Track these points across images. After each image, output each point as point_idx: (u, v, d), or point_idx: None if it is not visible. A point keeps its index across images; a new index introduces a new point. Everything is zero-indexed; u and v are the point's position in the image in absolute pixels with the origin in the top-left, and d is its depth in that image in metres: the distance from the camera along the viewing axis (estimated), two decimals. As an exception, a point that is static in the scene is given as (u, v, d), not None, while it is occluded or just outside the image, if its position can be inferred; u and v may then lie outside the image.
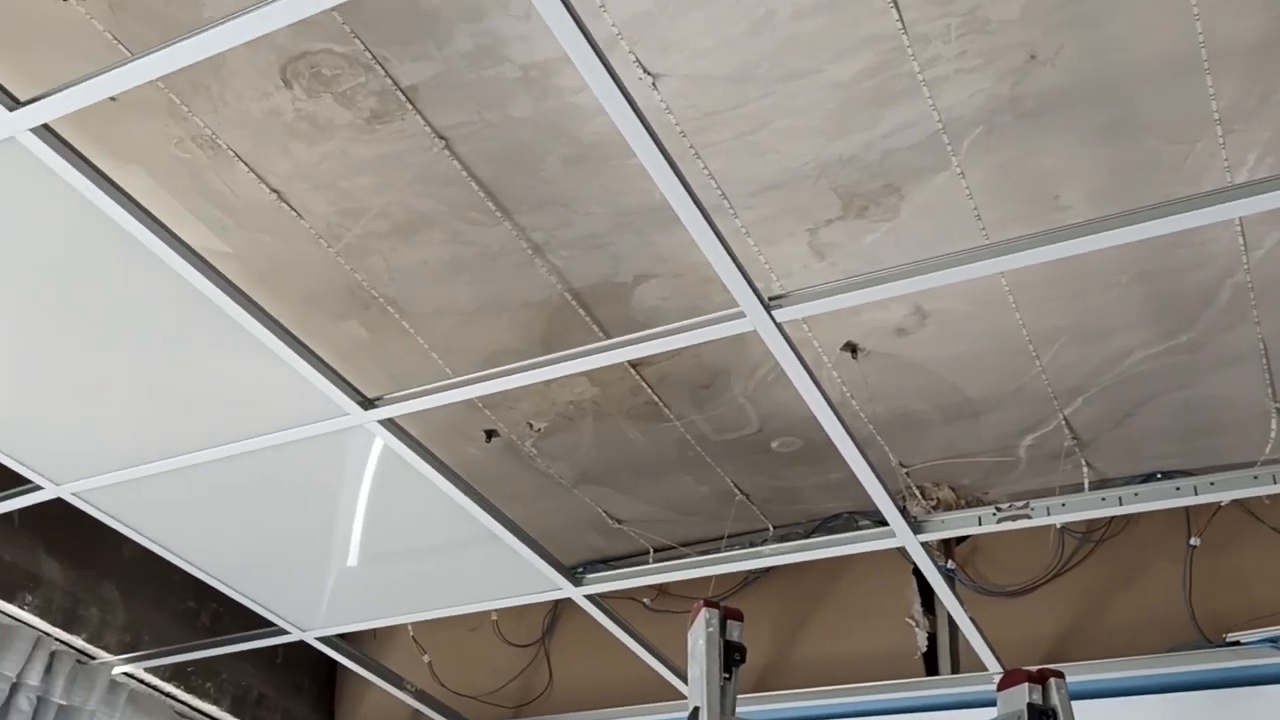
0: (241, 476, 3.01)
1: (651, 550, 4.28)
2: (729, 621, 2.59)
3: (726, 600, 4.13)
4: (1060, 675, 2.50)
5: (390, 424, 2.72)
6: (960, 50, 2.31)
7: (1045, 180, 2.59)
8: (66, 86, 1.93)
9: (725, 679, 2.50)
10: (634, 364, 3.38)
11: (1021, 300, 2.93)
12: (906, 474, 3.71)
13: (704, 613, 2.56)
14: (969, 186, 2.60)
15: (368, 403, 2.66)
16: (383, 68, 2.49)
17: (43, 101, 1.96)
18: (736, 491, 3.95)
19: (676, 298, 3.11)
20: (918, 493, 3.76)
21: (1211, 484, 2.64)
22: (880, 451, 3.58)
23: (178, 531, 3.36)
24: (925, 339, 3.15)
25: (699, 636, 2.56)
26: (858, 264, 2.88)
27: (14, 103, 1.97)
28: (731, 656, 2.54)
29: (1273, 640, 3.08)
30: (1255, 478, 2.62)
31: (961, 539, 3.85)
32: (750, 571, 4.04)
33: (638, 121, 1.83)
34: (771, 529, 4.15)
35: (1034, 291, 2.90)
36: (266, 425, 2.75)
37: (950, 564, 3.78)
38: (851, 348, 3.20)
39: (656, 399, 3.50)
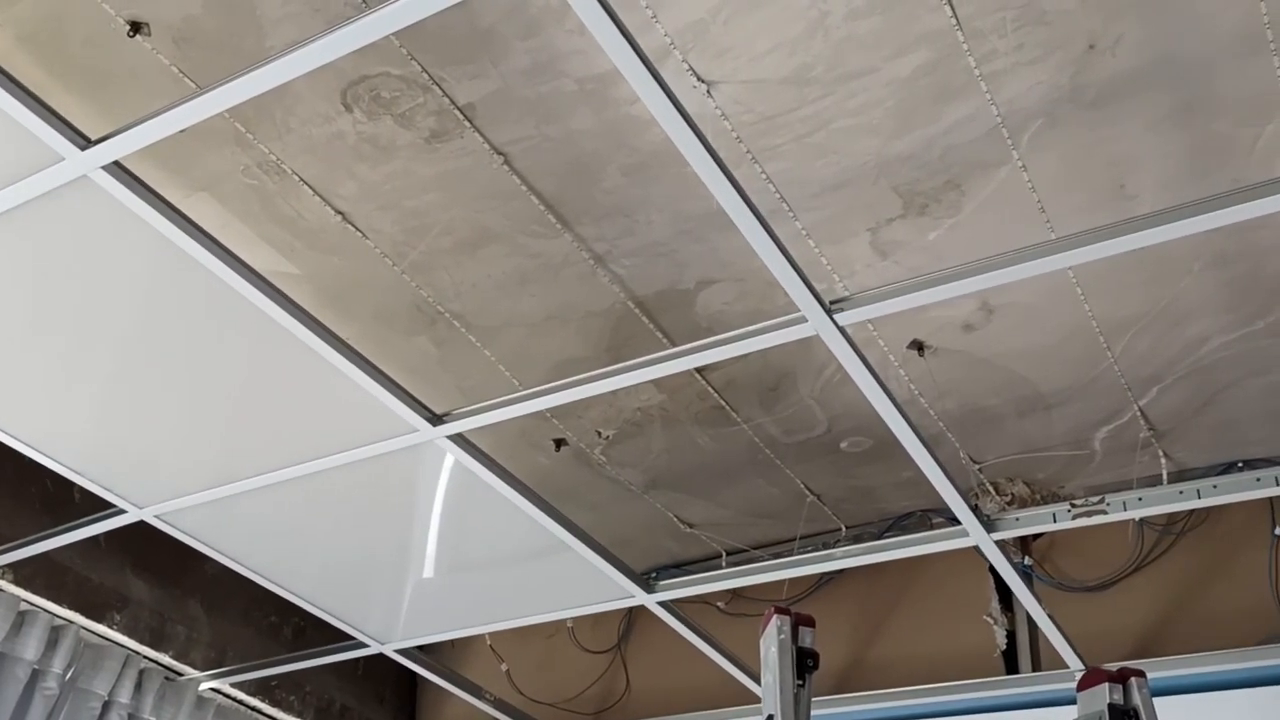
0: (318, 494, 3.07)
1: (724, 553, 4.28)
2: (801, 628, 2.58)
3: (801, 602, 4.12)
4: (1141, 674, 2.44)
5: (459, 439, 2.76)
6: (1017, 44, 2.28)
7: (1111, 169, 2.54)
8: (135, 124, 1.99)
9: (799, 686, 2.49)
10: (700, 370, 3.38)
11: (1090, 291, 2.88)
12: (979, 470, 3.67)
13: (775, 620, 2.55)
14: (1031, 179, 2.57)
15: (436, 419, 2.70)
16: (440, 88, 2.53)
17: (113, 140, 2.02)
18: (808, 492, 3.93)
19: (740, 302, 3.11)
20: (991, 489, 3.71)
21: (1291, 473, 2.57)
22: (951, 449, 3.54)
23: (258, 549, 3.44)
24: (993, 334, 3.10)
25: (771, 644, 2.55)
26: (921, 261, 2.86)
27: (85, 141, 2.04)
28: (804, 663, 2.53)
29: (1367, 631, 2.99)
30: (1342, 465, 2.54)
31: (1038, 534, 3.79)
32: (824, 573, 4.02)
33: (690, 131, 1.84)
34: (844, 529, 4.13)
35: (1103, 281, 2.85)
36: (340, 444, 2.81)
37: (1027, 560, 3.72)
38: (918, 345, 3.17)
39: (724, 403, 3.50)
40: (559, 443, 3.72)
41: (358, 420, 2.70)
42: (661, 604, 3.45)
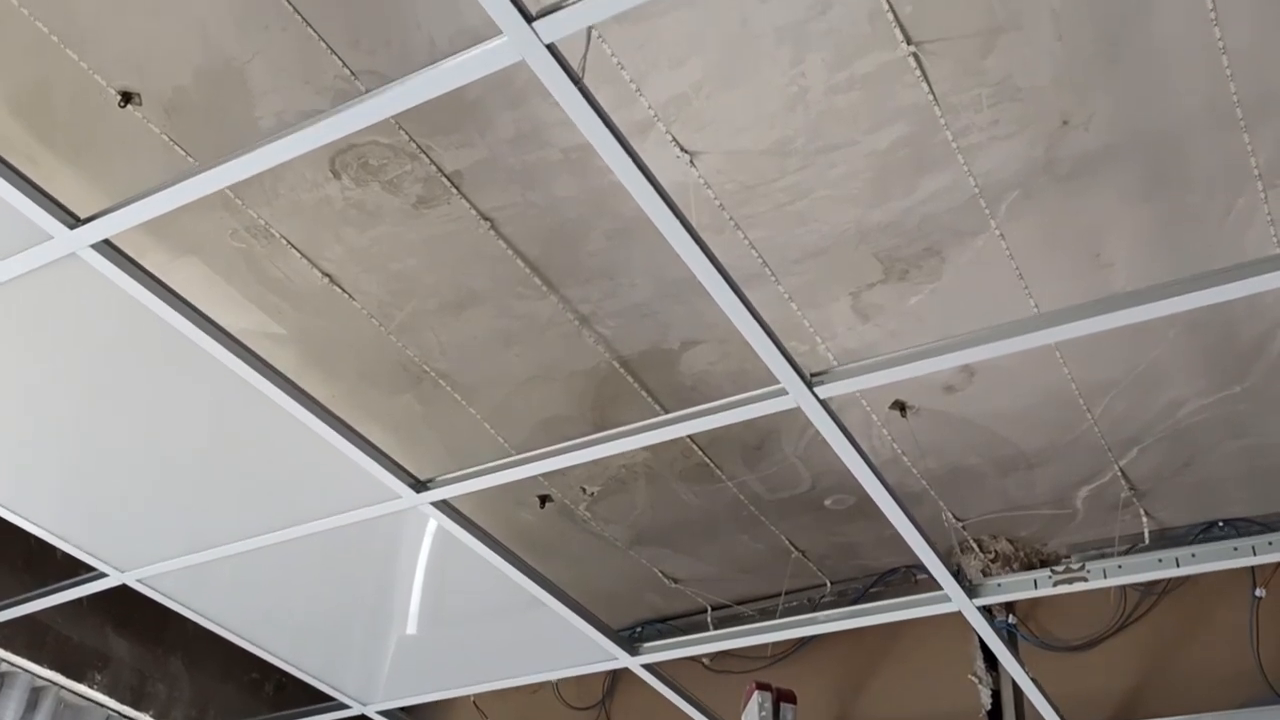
0: (300, 558, 3.07)
1: (709, 608, 4.27)
2: (782, 705, 2.58)
3: (785, 660, 4.12)
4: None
5: (443, 505, 2.77)
6: (993, 119, 2.32)
7: (1086, 238, 2.59)
8: (124, 204, 2.01)
9: None
10: (683, 428, 3.40)
11: (1069, 355, 2.91)
12: (962, 527, 3.68)
13: (756, 696, 2.55)
14: (1009, 247, 2.61)
15: (419, 485, 2.71)
16: (428, 156, 2.56)
17: (101, 220, 2.04)
18: (792, 548, 3.94)
19: (724, 362, 3.14)
20: (975, 546, 3.73)
21: (1270, 544, 2.60)
22: (934, 507, 3.56)
23: (238, 611, 3.43)
24: (975, 394, 3.14)
25: None
26: (902, 324, 2.89)
27: (74, 220, 2.06)
28: None
29: (1347, 696, 3.00)
30: (1315, 534, 2.57)
31: (1021, 593, 3.79)
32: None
33: (666, 207, 1.87)
34: (829, 585, 4.13)
35: (1081, 347, 2.88)
36: (322, 509, 2.81)
37: (1011, 619, 3.73)
38: (900, 406, 3.20)
39: (708, 460, 3.51)
40: (544, 499, 3.73)
41: (341, 486, 2.71)
42: (645, 666, 3.44)
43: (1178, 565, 2.68)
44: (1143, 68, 2.19)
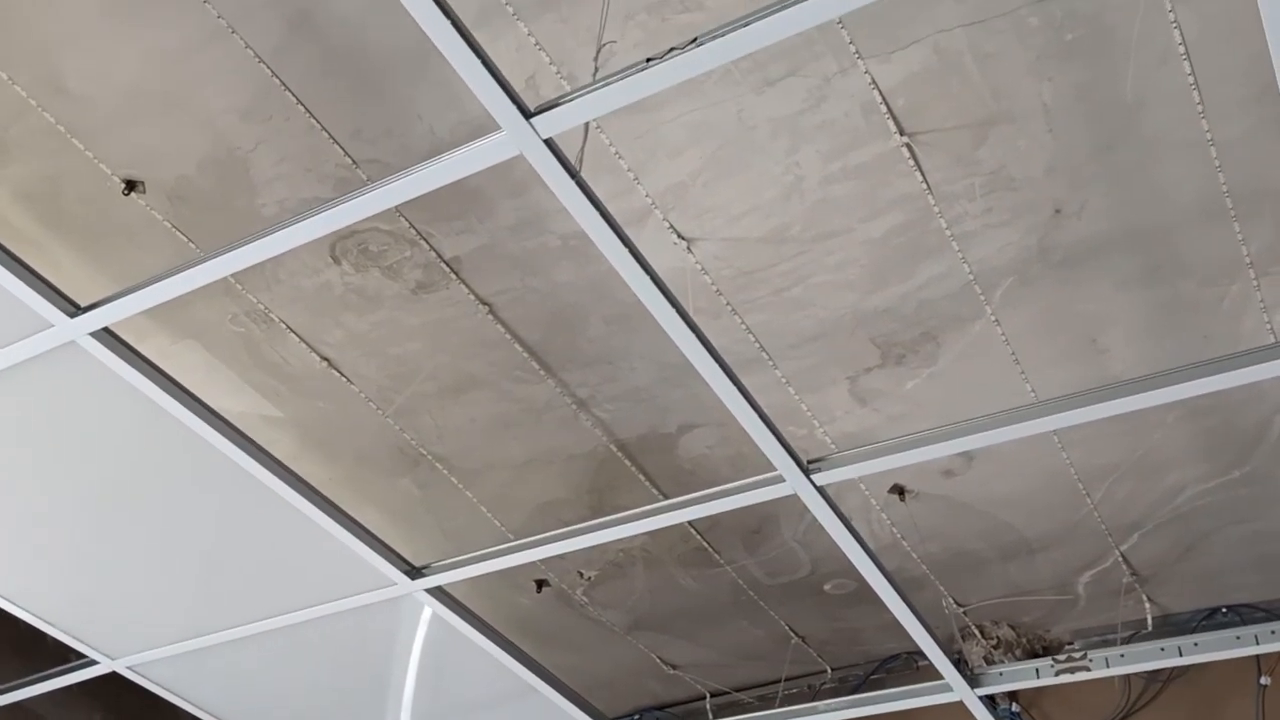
0: (294, 646, 3.04)
1: (709, 695, 4.21)
2: None
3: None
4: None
5: (438, 592, 2.74)
6: (986, 207, 2.35)
7: (1082, 324, 2.60)
8: (124, 293, 2.03)
9: None
10: (682, 512, 3.38)
11: (1068, 441, 2.91)
12: (964, 613, 3.64)
13: None
14: (1005, 333, 2.62)
15: (415, 571, 2.69)
16: (428, 242, 2.59)
17: (101, 308, 2.05)
18: (792, 634, 3.89)
19: (722, 447, 3.13)
20: (977, 632, 3.68)
21: (1273, 632, 2.57)
22: (935, 592, 3.52)
23: (231, 700, 3.38)
24: (974, 480, 3.12)
25: None
26: (899, 409, 2.89)
27: (74, 309, 2.07)
28: None
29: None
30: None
31: (1025, 679, 3.74)
32: (809, 717, 3.94)
33: (660, 294, 1.89)
34: (829, 671, 4.08)
35: (1080, 432, 2.88)
36: (317, 597, 2.79)
37: (1015, 706, 3.67)
38: (899, 490, 3.18)
39: (707, 545, 3.49)
40: (540, 584, 3.69)
41: (335, 573, 2.69)
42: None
43: (1180, 654, 2.65)
44: (1134, 159, 2.22)
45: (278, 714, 3.49)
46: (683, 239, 2.51)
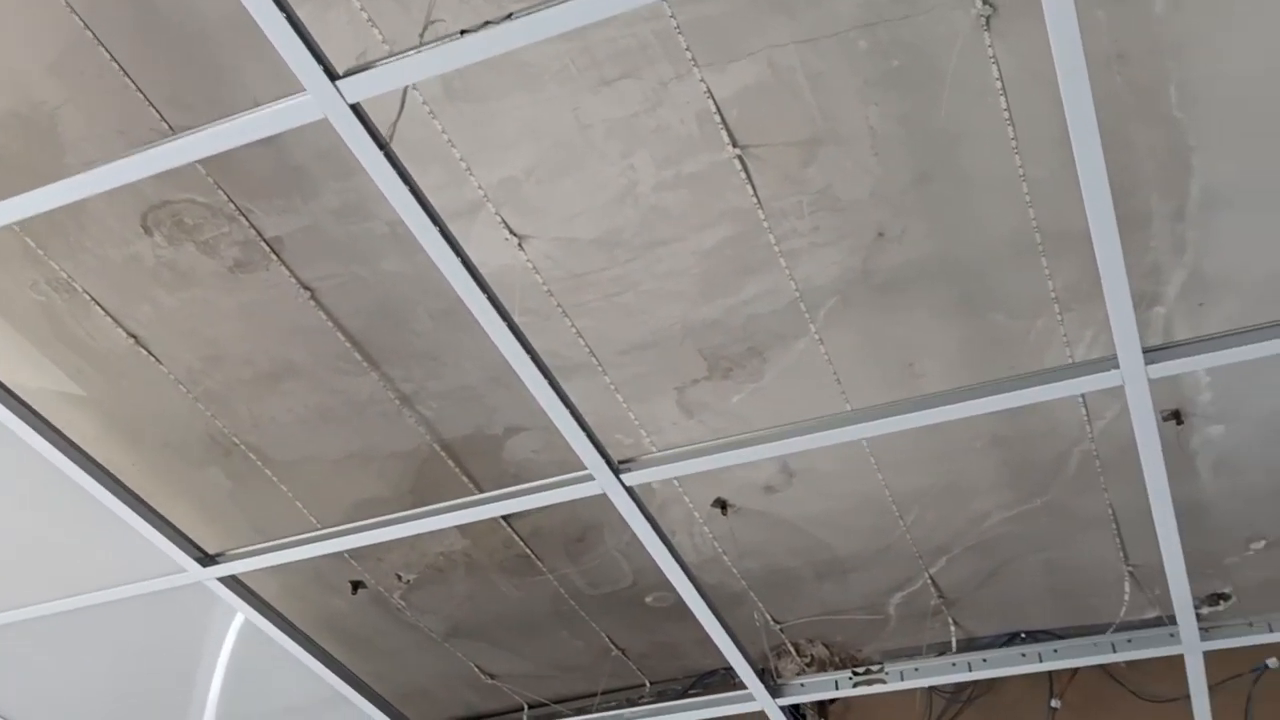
0: (79, 633, 2.86)
1: (526, 706, 4.15)
2: None
3: (601, 761, 4.01)
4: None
5: (232, 581, 2.62)
6: (814, 225, 2.40)
7: (901, 349, 2.67)
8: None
9: None
10: (505, 517, 3.33)
11: (884, 462, 2.98)
12: (780, 630, 3.69)
13: None
14: (828, 353, 2.67)
15: (207, 559, 2.57)
16: (247, 219, 2.49)
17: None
18: (612, 646, 3.88)
19: (549, 451, 3.09)
20: (792, 649, 3.74)
21: (1055, 651, 2.69)
22: (753, 608, 3.56)
23: (9, 690, 3.15)
24: (794, 497, 3.17)
25: None
26: (725, 423, 2.91)
27: None
28: None
29: (1130, 807, 3.09)
30: (1095, 645, 2.67)
31: (834, 700, 3.81)
32: (625, 731, 3.94)
33: (480, 291, 1.85)
34: (648, 685, 4.07)
35: (896, 454, 2.96)
36: (100, 581, 2.63)
37: (823, 724, 3.74)
38: (721, 504, 3.21)
39: (529, 552, 3.45)
40: (356, 585, 3.58)
41: (122, 557, 2.55)
42: (444, 762, 3.30)
43: (970, 669, 2.74)
44: (951, 190, 2.30)
45: (67, 709, 3.28)
46: (514, 235, 2.47)
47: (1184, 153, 2.17)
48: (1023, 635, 3.50)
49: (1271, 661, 3.20)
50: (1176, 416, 2.72)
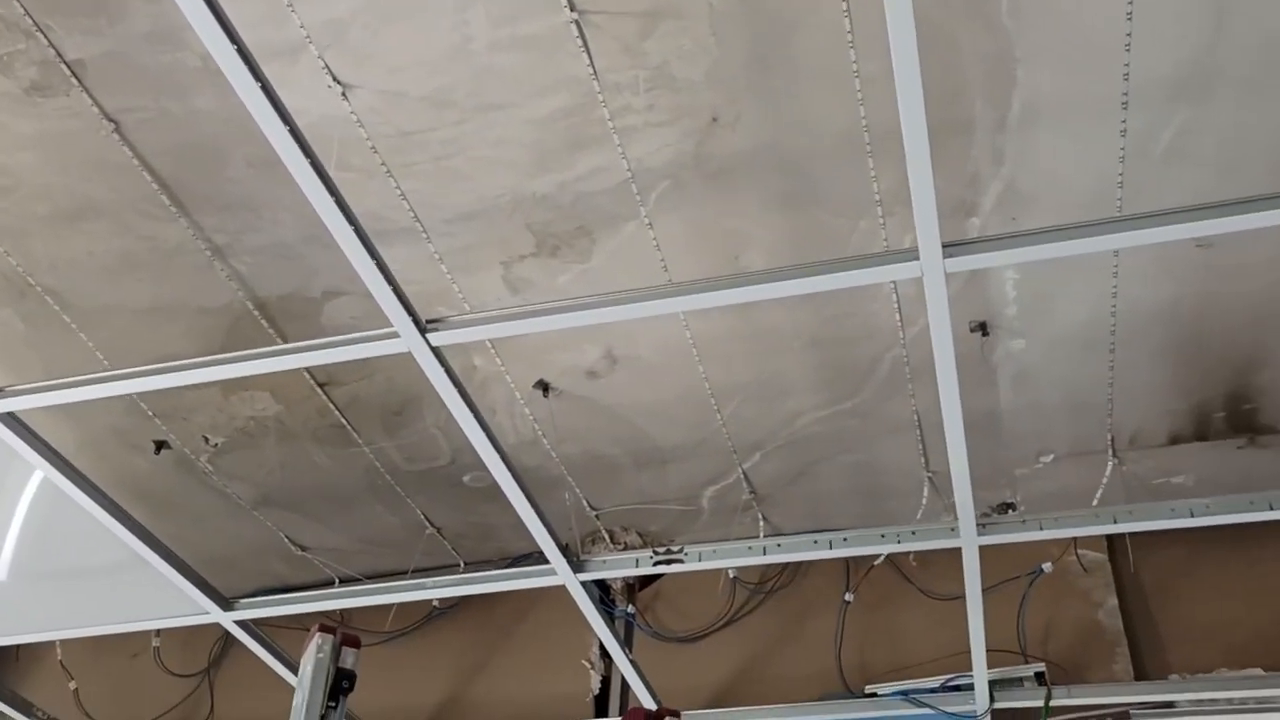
0: None
1: (337, 580, 4.11)
2: (344, 648, 2.51)
3: (408, 635, 4.04)
4: (676, 715, 2.58)
5: (13, 421, 2.48)
6: (649, 104, 2.36)
7: (728, 239, 2.68)
8: None
9: (330, 707, 2.43)
10: (321, 383, 3.25)
11: (705, 354, 3.01)
12: (596, 516, 3.74)
13: (317, 638, 2.48)
14: (656, 238, 2.66)
15: (-14, 396, 2.43)
16: (45, 36, 2.30)
17: None
18: (427, 524, 3.86)
19: (369, 320, 3.00)
20: (606, 536, 3.80)
21: (845, 540, 2.80)
22: (571, 493, 3.59)
23: None
24: (616, 384, 3.18)
25: (308, 662, 2.47)
26: (550, 302, 2.88)
27: None
28: (340, 684, 2.48)
29: (904, 693, 3.28)
30: (882, 536, 2.79)
31: (645, 584, 3.91)
32: (434, 607, 3.95)
33: (290, 137, 1.76)
34: (463, 565, 4.08)
35: (717, 346, 2.99)
36: None
37: (631, 608, 3.82)
38: (544, 385, 3.20)
39: (345, 421, 3.38)
40: (160, 445, 3.45)
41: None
42: (240, 624, 3.25)
43: (765, 554, 2.83)
44: (786, 79, 2.29)
45: None
46: (339, 83, 2.35)
47: (1009, 63, 2.21)
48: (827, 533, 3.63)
49: (1046, 566, 3.42)
50: (983, 328, 2.83)
